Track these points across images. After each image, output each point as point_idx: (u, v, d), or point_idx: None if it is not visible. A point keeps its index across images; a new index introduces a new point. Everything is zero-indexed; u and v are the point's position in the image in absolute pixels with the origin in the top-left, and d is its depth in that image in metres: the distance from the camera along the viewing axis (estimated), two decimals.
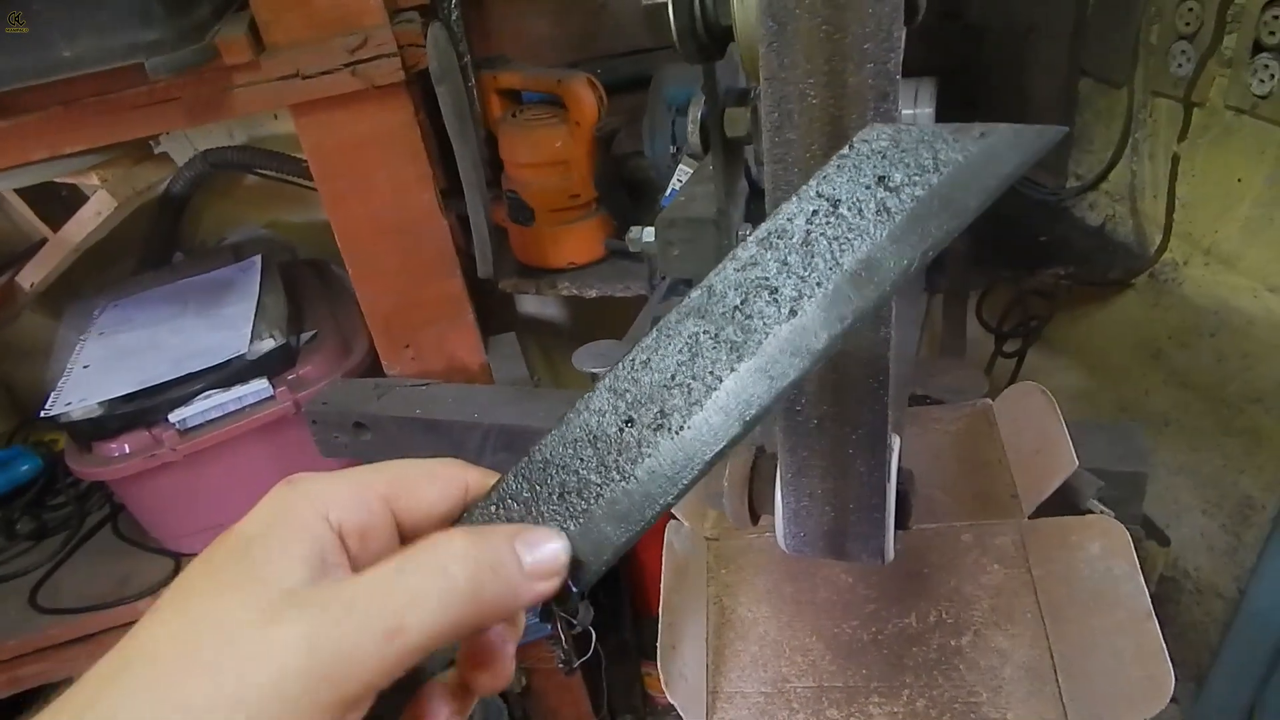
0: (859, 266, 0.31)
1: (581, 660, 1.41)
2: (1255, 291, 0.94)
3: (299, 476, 0.33)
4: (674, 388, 0.32)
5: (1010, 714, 0.62)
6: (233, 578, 0.29)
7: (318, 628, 0.27)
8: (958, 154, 0.32)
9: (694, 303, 0.33)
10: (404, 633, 0.28)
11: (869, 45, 0.36)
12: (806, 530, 0.52)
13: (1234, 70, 0.90)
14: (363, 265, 1.07)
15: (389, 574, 0.29)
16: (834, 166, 0.33)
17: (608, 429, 0.33)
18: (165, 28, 0.79)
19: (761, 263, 0.32)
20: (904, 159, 0.32)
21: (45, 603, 1.18)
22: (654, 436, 0.32)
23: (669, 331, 0.33)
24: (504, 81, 1.22)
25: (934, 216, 0.31)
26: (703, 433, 0.31)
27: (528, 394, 1.06)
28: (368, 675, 0.27)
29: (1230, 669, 1.01)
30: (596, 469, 0.33)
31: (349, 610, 0.28)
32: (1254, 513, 1.01)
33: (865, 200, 0.32)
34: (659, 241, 0.56)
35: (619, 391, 0.33)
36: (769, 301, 0.32)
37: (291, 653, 0.27)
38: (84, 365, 1.13)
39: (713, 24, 0.43)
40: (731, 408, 0.31)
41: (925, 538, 0.73)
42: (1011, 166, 0.31)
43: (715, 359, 0.32)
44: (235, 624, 0.27)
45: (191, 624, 0.28)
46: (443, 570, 0.30)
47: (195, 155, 1.35)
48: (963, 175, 0.31)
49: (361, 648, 0.27)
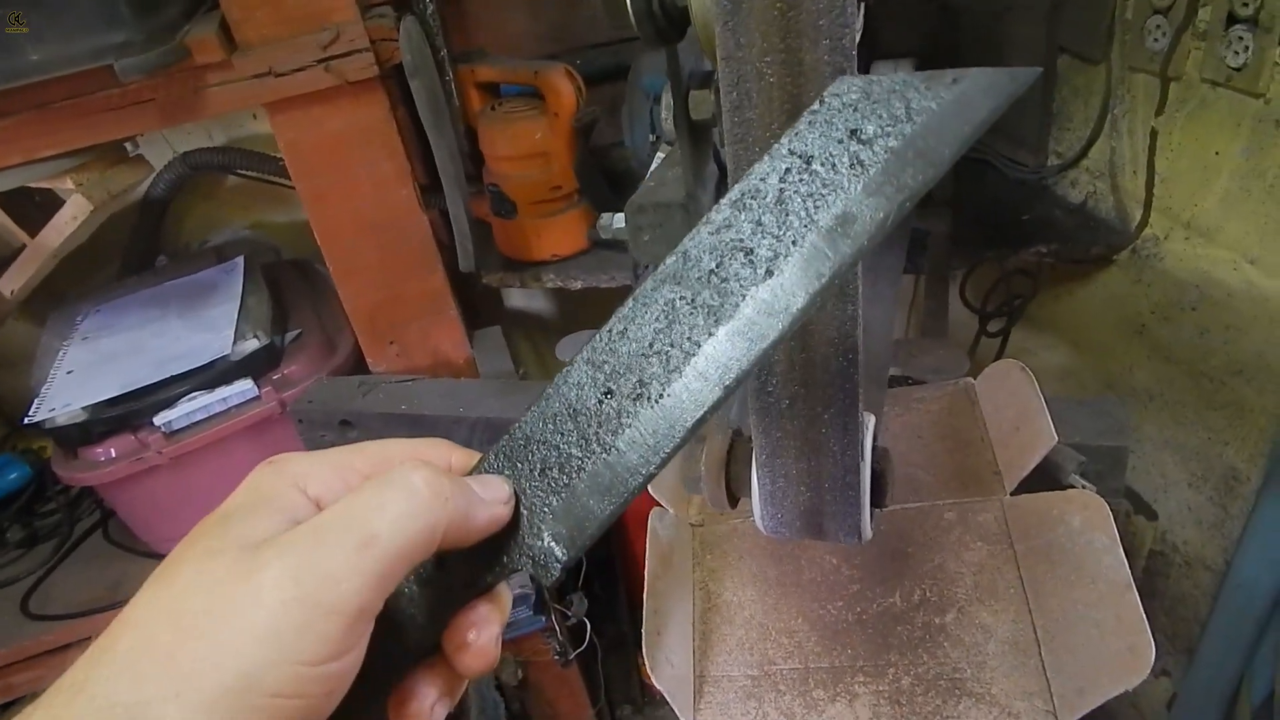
0: (835, 222, 0.30)
1: (577, 652, 1.41)
2: (1235, 264, 0.95)
3: (279, 457, 0.34)
4: (652, 356, 0.32)
5: (994, 688, 0.63)
6: (212, 545, 0.29)
7: (297, 558, 0.28)
8: (930, 102, 0.31)
9: (669, 269, 0.32)
10: (377, 539, 0.29)
11: (824, 21, 0.36)
12: (783, 511, 0.52)
13: (1208, 43, 0.90)
14: (344, 263, 1.06)
15: (354, 494, 0.30)
16: (805, 123, 0.32)
17: (587, 401, 0.32)
18: (134, 29, 0.78)
19: (735, 224, 0.32)
20: (876, 110, 0.31)
21: (37, 610, 1.18)
22: (633, 406, 0.32)
23: (645, 300, 0.32)
24: (481, 75, 1.21)
25: (909, 166, 0.30)
26: (683, 399, 0.31)
27: (513, 387, 1.06)
28: (355, 591, 0.28)
29: (1219, 640, 1.02)
30: (577, 443, 0.32)
31: (321, 534, 0.29)
32: (1239, 484, 1.01)
33: (838, 155, 0.31)
34: (629, 227, 0.55)
35: (597, 363, 0.33)
36: (745, 263, 0.31)
37: (278, 590, 0.27)
38: (67, 371, 1.13)
39: (669, 5, 0.43)
40: (711, 373, 0.31)
41: (908, 516, 0.73)
42: (986, 112, 0.31)
43: (693, 324, 0.31)
44: (217, 583, 0.28)
45: (175, 593, 0.28)
46: (403, 481, 0.30)
47: (175, 157, 1.34)
48: (937, 123, 0.31)
49: (341, 564, 0.28)
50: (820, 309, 0.43)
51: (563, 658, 1.41)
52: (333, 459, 0.34)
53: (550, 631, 1.37)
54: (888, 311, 0.77)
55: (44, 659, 1.14)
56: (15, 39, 0.75)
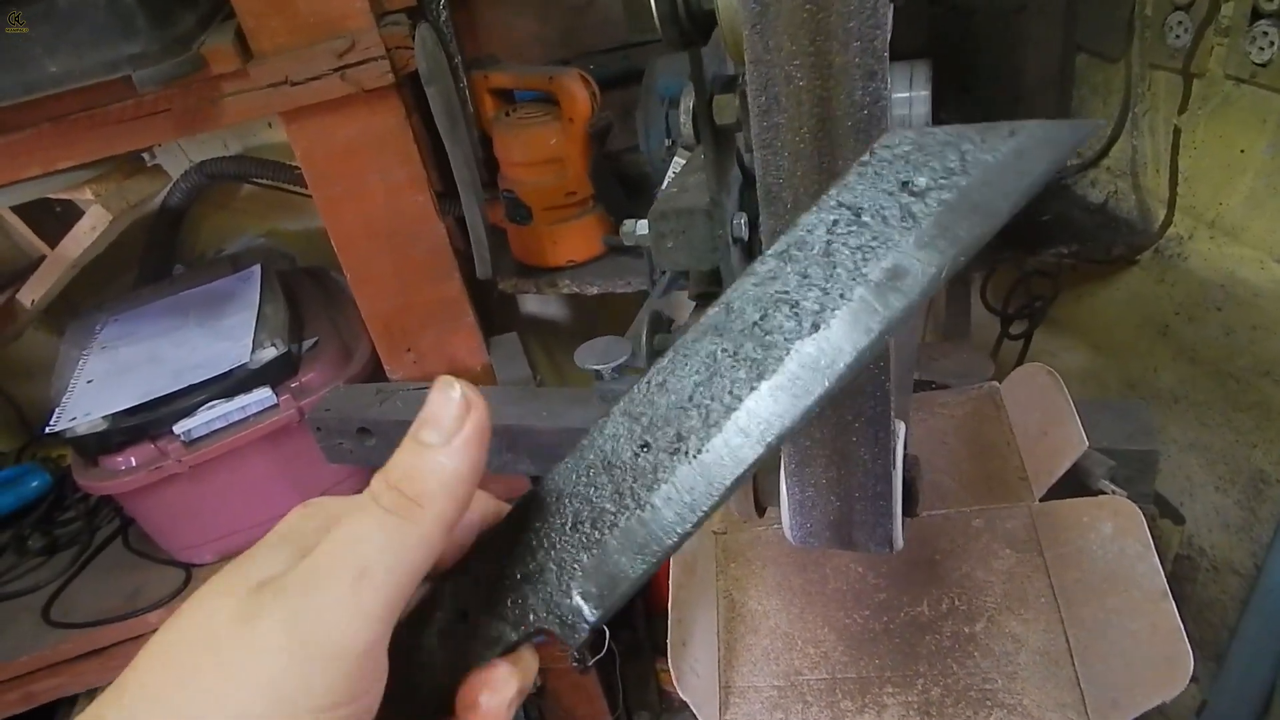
0: (885, 276, 0.29)
1: (596, 659, 1.41)
2: (1262, 263, 0.93)
3: (317, 499, 0.33)
4: (691, 409, 0.30)
5: (1026, 699, 0.62)
6: (221, 586, 0.29)
7: (292, 602, 0.27)
8: (986, 154, 0.30)
9: (711, 320, 0.31)
10: (370, 572, 0.27)
11: (854, 23, 0.35)
12: (812, 521, 0.51)
13: (1232, 39, 0.89)
14: (360, 270, 1.06)
15: (335, 528, 0.29)
16: (854, 175, 0.32)
17: (623, 454, 0.31)
18: (150, 40, 0.78)
19: (781, 276, 0.31)
20: (929, 162, 0.31)
21: (58, 618, 1.18)
22: (671, 461, 0.30)
23: (686, 351, 0.31)
24: (495, 81, 1.21)
25: (964, 220, 0.29)
26: (722, 456, 0.29)
27: (530, 393, 1.05)
28: (353, 630, 0.27)
29: (1249, 646, 1.00)
30: (611, 497, 0.31)
31: (313, 574, 0.28)
32: (1268, 487, 1.00)
33: (889, 207, 0.30)
34: (652, 234, 0.55)
35: (634, 415, 0.31)
36: (789, 316, 0.30)
37: (275, 638, 0.26)
38: (87, 380, 1.13)
39: (695, 8, 0.42)
40: (752, 429, 0.29)
41: (935, 524, 0.72)
42: (1045, 164, 0.30)
43: (734, 378, 0.30)
44: (214, 627, 0.27)
45: (180, 637, 0.28)
46: (372, 505, 0.29)
47: (191, 167, 1.35)
48: (992, 176, 0.30)
49: (336, 605, 0.27)
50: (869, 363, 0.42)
51: (581, 664, 1.41)
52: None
53: None
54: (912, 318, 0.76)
55: (65, 667, 1.15)
56: (32, 52, 0.75)
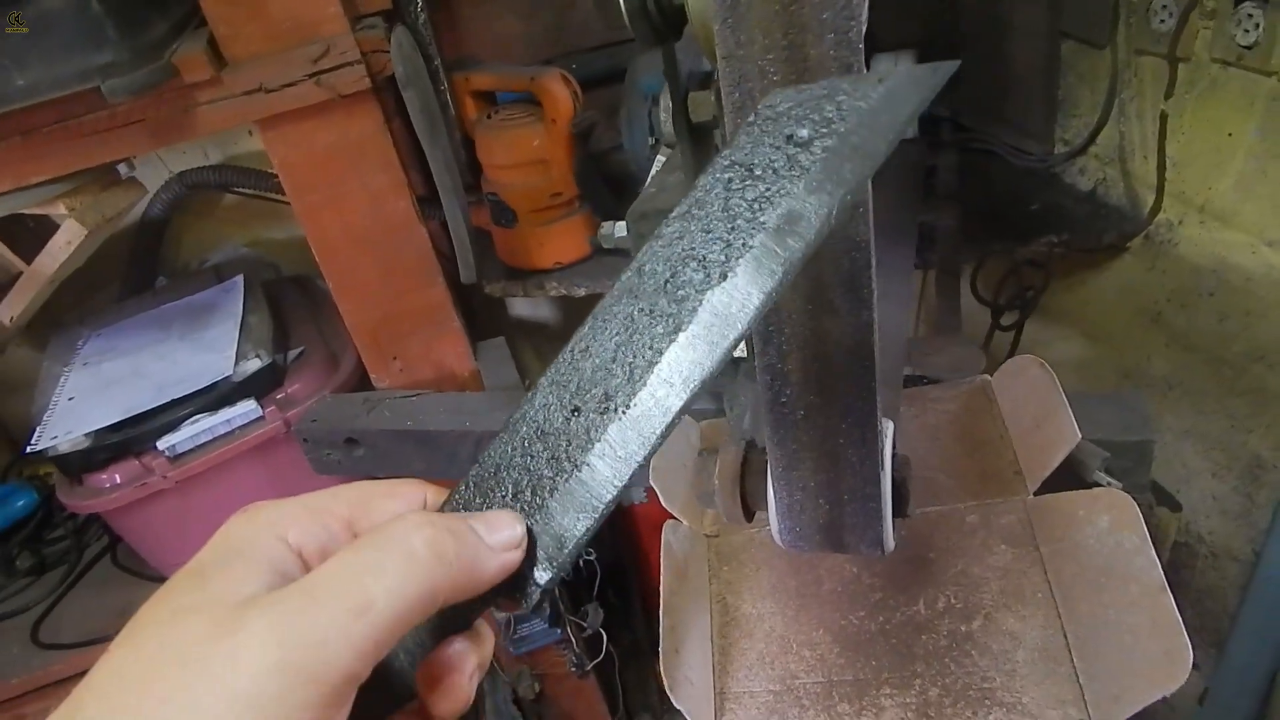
0: (781, 221, 0.31)
1: (594, 663, 1.40)
2: (1253, 247, 0.92)
3: (253, 504, 0.32)
4: (615, 369, 0.32)
5: (1025, 697, 0.61)
6: (187, 603, 0.27)
7: (284, 620, 0.26)
8: (859, 101, 0.32)
9: (624, 284, 0.33)
10: (372, 607, 0.27)
11: (828, 14, 0.34)
12: (802, 525, 0.50)
13: (1217, 22, 0.88)
14: (343, 278, 1.05)
15: (347, 554, 0.29)
16: (742, 134, 0.34)
17: (554, 421, 0.33)
18: (120, 49, 0.77)
19: (686, 235, 0.33)
20: (809, 115, 0.33)
21: (47, 639, 1.17)
22: (601, 420, 0.32)
23: (604, 316, 0.33)
24: (477, 83, 1.20)
25: (846, 163, 0.31)
26: (649, 408, 0.31)
27: (519, 398, 1.04)
28: (344, 661, 0.26)
29: (1249, 632, 0.99)
30: (548, 463, 0.32)
31: (312, 596, 0.27)
32: (1265, 472, 0.99)
33: (777, 159, 0.32)
34: (631, 236, 0.54)
35: (561, 383, 0.33)
36: (697, 269, 0.32)
37: (261, 653, 0.25)
38: (69, 397, 1.12)
39: (665, 3, 0.41)
40: (675, 378, 0.31)
41: (929, 521, 0.71)
42: (913, 105, 0.32)
43: (653, 334, 0.32)
44: (192, 645, 0.26)
45: (146, 655, 0.26)
46: (401, 540, 0.29)
47: (171, 177, 1.33)
48: (867, 120, 0.32)
49: (332, 631, 0.26)
50: (833, 315, 0.41)
51: (579, 669, 1.40)
52: (309, 503, 0.32)
53: (566, 643, 1.36)
54: (900, 310, 0.75)
55: (54, 689, 1.13)
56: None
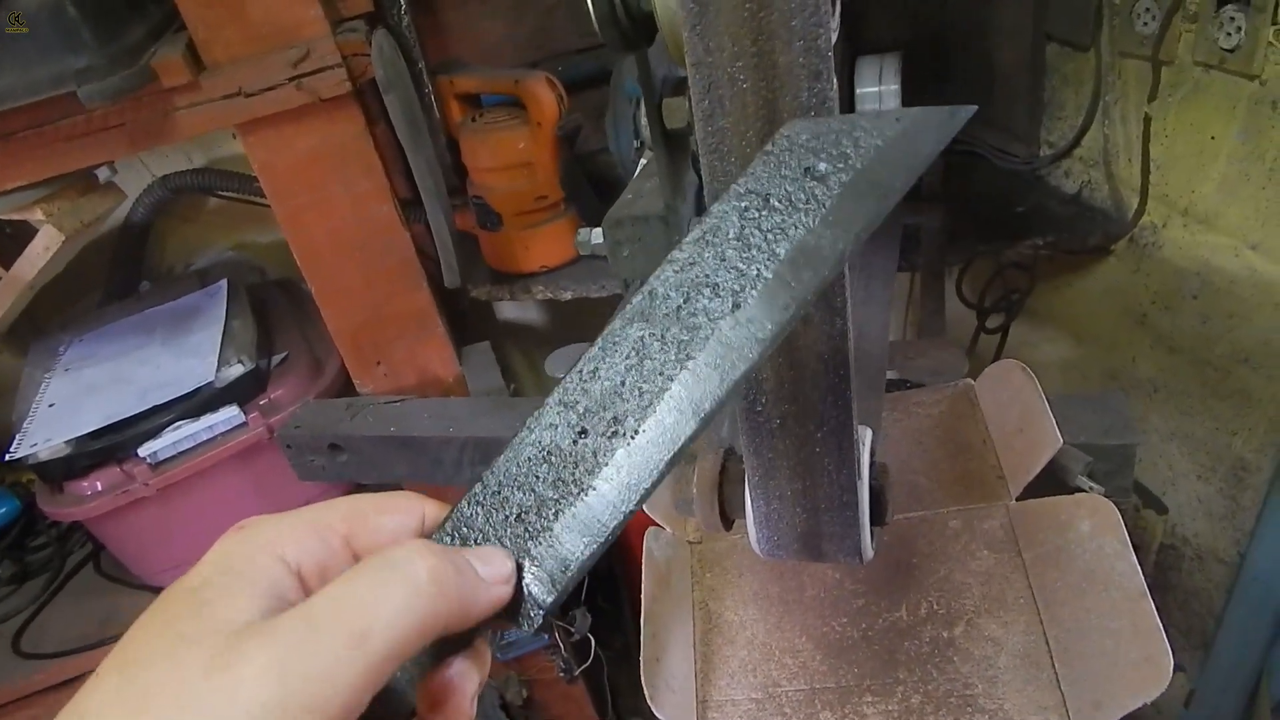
0: (796, 253, 0.31)
1: (582, 668, 1.39)
2: (1236, 250, 0.92)
3: (250, 520, 0.32)
4: (625, 393, 0.32)
5: (1007, 704, 0.60)
6: (179, 630, 0.27)
7: (283, 652, 0.26)
8: (876, 139, 0.33)
9: (636, 308, 0.33)
10: (370, 635, 0.27)
11: (796, 21, 0.34)
12: (780, 534, 0.50)
13: (1199, 25, 0.88)
14: (325, 283, 1.04)
15: (346, 582, 0.28)
16: (759, 164, 0.34)
17: (561, 443, 0.32)
18: (95, 54, 0.76)
19: (700, 261, 0.33)
20: (827, 149, 0.33)
21: (29, 648, 1.15)
22: (609, 444, 0.31)
23: (614, 339, 0.33)
24: (461, 85, 1.19)
25: (862, 199, 0.32)
26: (658, 435, 0.31)
27: (503, 404, 1.04)
28: (344, 694, 0.26)
29: (1235, 634, 0.99)
30: (553, 485, 0.32)
31: (311, 626, 0.27)
32: (1249, 475, 0.99)
33: (795, 191, 0.33)
34: (608, 242, 0.53)
35: (569, 404, 0.33)
36: (711, 298, 0.32)
37: (260, 688, 0.25)
38: (49, 404, 1.11)
39: (634, 9, 0.40)
40: (685, 406, 0.31)
41: (912, 526, 0.71)
42: (930, 145, 0.33)
43: (664, 360, 0.32)
44: (186, 677, 0.25)
45: (142, 686, 0.26)
46: (401, 567, 0.29)
47: (154, 181, 1.32)
48: (884, 157, 0.32)
49: (332, 661, 0.26)
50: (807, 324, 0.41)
51: (567, 674, 1.39)
52: (307, 518, 0.32)
53: (554, 648, 1.35)
54: (883, 313, 0.75)
55: (37, 698, 1.12)
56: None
